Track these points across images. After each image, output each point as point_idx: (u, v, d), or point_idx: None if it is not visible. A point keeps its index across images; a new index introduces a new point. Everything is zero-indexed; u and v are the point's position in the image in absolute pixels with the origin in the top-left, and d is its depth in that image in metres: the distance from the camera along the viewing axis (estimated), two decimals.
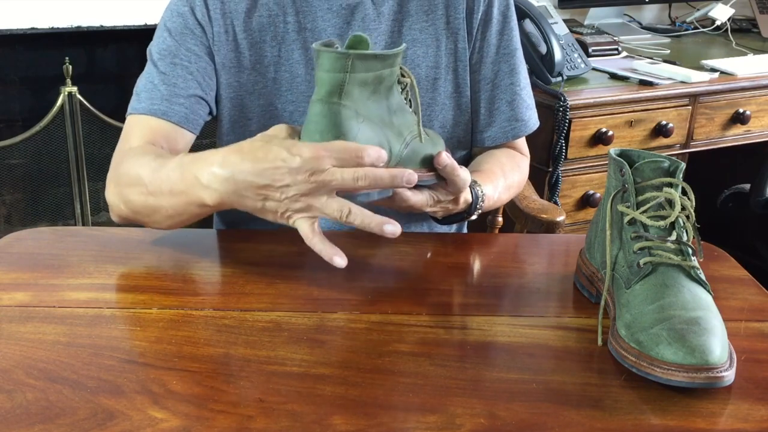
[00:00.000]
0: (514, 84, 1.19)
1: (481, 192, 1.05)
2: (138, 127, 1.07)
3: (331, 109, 0.82)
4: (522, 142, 1.24)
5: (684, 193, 0.84)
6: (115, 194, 1.00)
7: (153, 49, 1.12)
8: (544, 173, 1.90)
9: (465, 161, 1.20)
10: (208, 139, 1.26)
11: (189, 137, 1.10)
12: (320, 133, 0.83)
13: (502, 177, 1.13)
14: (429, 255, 1.03)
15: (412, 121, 0.92)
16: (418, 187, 0.91)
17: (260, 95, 1.13)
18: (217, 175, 0.85)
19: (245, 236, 1.08)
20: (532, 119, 1.22)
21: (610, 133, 1.92)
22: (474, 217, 1.06)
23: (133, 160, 0.98)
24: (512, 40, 1.19)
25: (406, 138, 0.91)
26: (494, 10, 1.16)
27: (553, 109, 1.85)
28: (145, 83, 1.11)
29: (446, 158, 0.93)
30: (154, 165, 0.94)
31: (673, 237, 0.82)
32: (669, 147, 2.05)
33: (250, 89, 1.13)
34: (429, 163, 0.94)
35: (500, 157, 1.18)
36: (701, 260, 0.84)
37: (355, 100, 0.83)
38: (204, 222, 1.20)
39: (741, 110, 2.12)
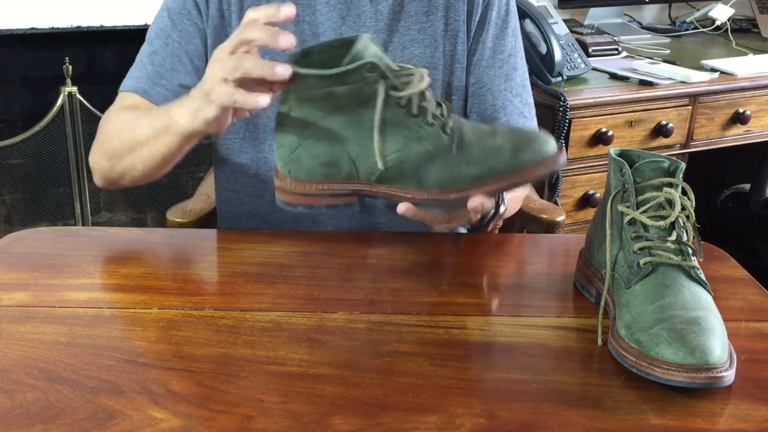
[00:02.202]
0: (507, 90, 1.17)
1: (503, 203, 1.02)
2: (122, 100, 1.12)
3: (280, 118, 0.85)
4: None
5: (684, 193, 0.84)
6: (97, 154, 1.08)
7: (151, 27, 1.15)
8: None
9: None
10: (208, 139, 1.26)
11: None
12: (275, 141, 0.87)
13: None
14: (429, 255, 1.03)
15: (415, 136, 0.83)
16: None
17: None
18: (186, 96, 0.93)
19: (245, 236, 1.08)
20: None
21: (610, 133, 1.92)
22: (495, 223, 1.04)
23: (114, 117, 1.08)
24: (508, 45, 1.17)
25: (393, 155, 0.83)
26: (492, 13, 1.15)
27: (553, 109, 1.85)
28: (138, 60, 1.15)
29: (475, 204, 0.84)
30: (130, 114, 1.04)
31: (673, 237, 0.82)
32: (669, 147, 2.05)
33: None
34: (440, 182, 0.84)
35: None
36: (701, 260, 0.84)
37: (307, 112, 0.83)
38: (205, 222, 1.20)
39: (741, 110, 2.12)
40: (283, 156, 0.86)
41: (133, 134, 1.00)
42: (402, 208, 0.85)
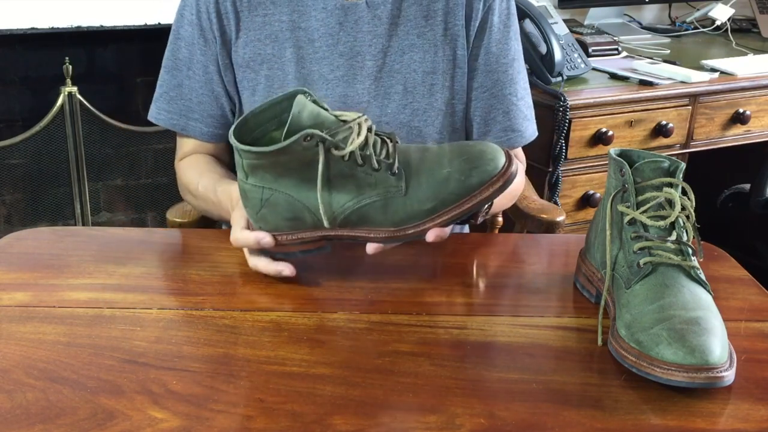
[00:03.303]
0: (512, 94, 1.17)
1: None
2: (180, 140, 1.22)
3: (240, 185, 0.90)
4: (519, 151, 1.24)
5: (684, 193, 0.84)
6: (184, 194, 1.21)
7: (167, 55, 1.17)
8: (544, 173, 1.90)
9: None
10: None
11: (224, 147, 1.21)
12: (244, 208, 0.92)
13: None
14: (429, 255, 1.03)
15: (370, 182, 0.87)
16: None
17: (254, 92, 1.13)
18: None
19: None
20: (528, 130, 1.20)
21: (610, 133, 1.92)
22: (483, 217, 1.04)
23: (185, 172, 1.18)
24: (511, 50, 1.17)
25: (348, 204, 0.87)
26: (494, 18, 1.15)
27: (553, 109, 1.85)
28: (162, 90, 1.18)
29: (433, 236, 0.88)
30: (200, 180, 1.13)
31: (673, 237, 0.82)
32: (669, 147, 2.05)
33: (245, 86, 1.13)
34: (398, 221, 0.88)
35: None
36: (701, 260, 0.84)
37: (261, 179, 0.87)
38: (205, 222, 1.20)
39: (741, 110, 2.12)
40: (251, 215, 0.91)
41: (201, 206, 1.14)
42: (370, 249, 0.89)
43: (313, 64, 1.12)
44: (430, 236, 0.87)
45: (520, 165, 1.22)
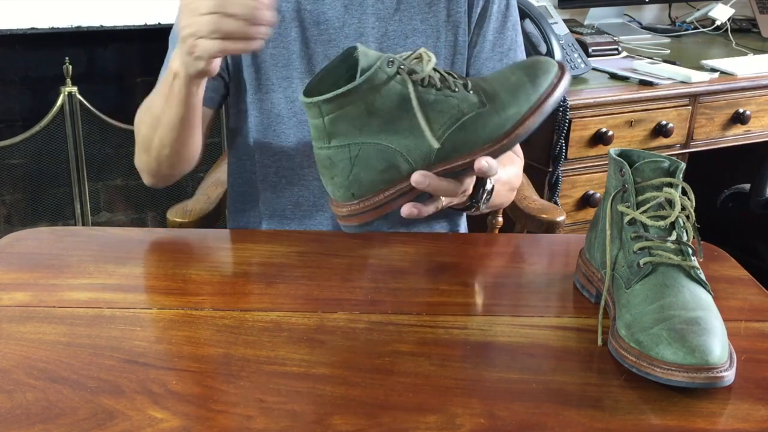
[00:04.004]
0: None
1: (489, 188, 1.02)
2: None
3: (322, 154, 0.86)
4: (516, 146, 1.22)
5: (684, 193, 0.84)
6: (137, 152, 1.11)
7: (173, 30, 1.15)
8: (544, 173, 1.89)
9: None
10: (211, 139, 1.26)
11: (207, 113, 1.14)
12: (324, 177, 0.88)
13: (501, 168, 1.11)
14: (429, 255, 1.03)
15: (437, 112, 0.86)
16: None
17: (257, 68, 1.13)
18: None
19: (245, 236, 1.08)
20: None
21: (610, 133, 1.92)
22: (485, 204, 1.02)
23: (138, 113, 1.09)
24: (508, 39, 1.18)
25: (440, 131, 0.86)
26: (494, 7, 1.16)
27: (553, 109, 1.84)
28: (163, 68, 1.15)
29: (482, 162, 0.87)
30: (147, 97, 1.06)
31: (673, 237, 0.82)
32: (669, 147, 2.05)
33: (248, 62, 1.13)
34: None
35: None
36: (701, 260, 0.84)
37: (346, 135, 0.85)
38: (205, 222, 1.20)
39: (741, 110, 2.12)
40: (339, 184, 0.87)
41: (152, 112, 1.03)
42: (406, 210, 0.87)
43: (318, 45, 1.12)
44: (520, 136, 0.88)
45: (518, 160, 1.22)
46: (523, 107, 0.87)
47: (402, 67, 0.84)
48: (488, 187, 0.99)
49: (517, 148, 1.24)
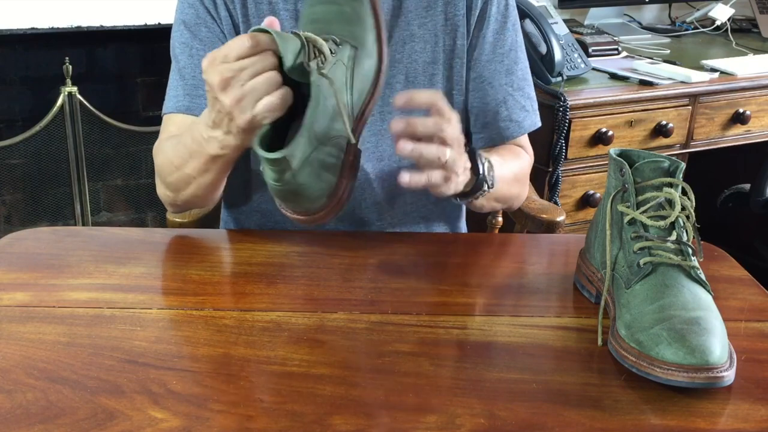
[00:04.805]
0: (508, 84, 1.17)
1: (484, 158, 1.02)
2: (167, 125, 1.14)
3: (288, 188, 0.84)
4: (523, 141, 1.22)
5: (684, 193, 0.84)
6: (159, 186, 1.11)
7: (173, 43, 1.15)
8: (544, 173, 1.90)
9: None
10: None
11: None
12: (291, 205, 0.88)
13: (499, 158, 1.10)
14: (429, 255, 1.03)
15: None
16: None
17: None
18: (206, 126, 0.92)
19: (245, 236, 1.08)
20: (527, 120, 1.19)
21: (610, 133, 1.92)
22: (491, 185, 1.02)
23: (161, 151, 1.09)
24: (509, 40, 1.17)
25: (347, 95, 0.88)
26: (492, 8, 1.15)
27: (553, 109, 1.85)
28: (170, 81, 1.15)
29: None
30: (174, 142, 1.04)
31: (673, 237, 0.82)
32: (669, 147, 2.05)
33: None
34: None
35: (498, 149, 1.17)
36: (701, 260, 0.84)
37: (302, 158, 0.83)
38: (205, 222, 1.20)
39: (741, 110, 2.12)
40: (314, 198, 0.86)
41: (183, 171, 1.01)
42: (405, 178, 0.89)
43: None
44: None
45: (524, 154, 1.21)
46: (371, 32, 0.91)
47: (314, 67, 0.83)
48: (484, 160, 1.00)
49: (526, 143, 1.23)
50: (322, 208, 0.88)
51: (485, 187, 1.02)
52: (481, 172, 1.00)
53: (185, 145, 0.99)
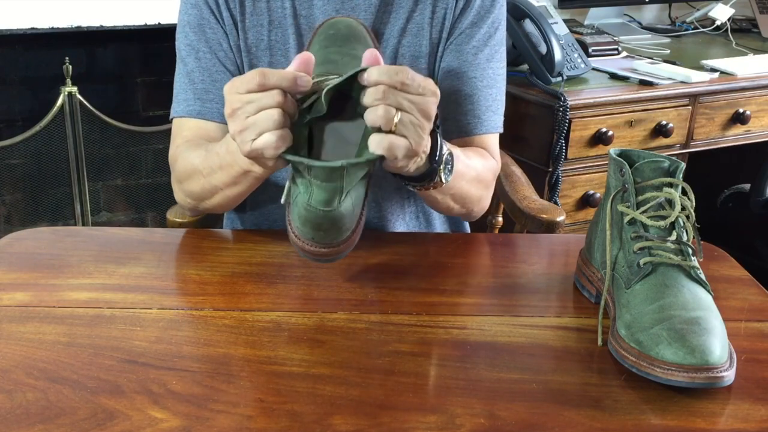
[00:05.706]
0: (477, 79, 1.14)
1: (447, 147, 0.97)
2: (181, 129, 1.14)
3: (333, 215, 0.81)
4: (491, 145, 1.16)
5: (684, 193, 0.84)
6: (179, 191, 1.11)
7: (178, 45, 1.15)
8: (544, 173, 1.90)
9: None
10: None
11: (224, 128, 1.11)
12: (329, 235, 0.83)
13: (462, 153, 1.04)
14: (429, 255, 1.03)
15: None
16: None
17: None
18: None
19: (245, 236, 1.08)
20: (490, 122, 1.15)
21: (610, 133, 1.92)
22: (447, 176, 0.96)
23: (184, 156, 1.08)
24: (484, 34, 1.14)
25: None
26: (476, 1, 1.13)
27: (553, 109, 1.84)
28: (178, 83, 1.15)
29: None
30: (203, 152, 1.03)
31: (673, 237, 0.82)
32: (669, 147, 2.05)
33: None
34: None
35: (464, 148, 1.10)
36: (701, 260, 0.84)
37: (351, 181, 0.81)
38: (205, 222, 1.20)
39: (741, 110, 2.12)
40: (346, 228, 0.83)
41: (210, 181, 1.00)
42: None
43: None
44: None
45: (489, 158, 1.15)
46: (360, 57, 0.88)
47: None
48: (445, 150, 0.95)
49: (494, 149, 1.17)
50: (345, 240, 0.85)
51: (439, 178, 0.96)
52: (437, 157, 0.94)
53: (218, 154, 0.97)
